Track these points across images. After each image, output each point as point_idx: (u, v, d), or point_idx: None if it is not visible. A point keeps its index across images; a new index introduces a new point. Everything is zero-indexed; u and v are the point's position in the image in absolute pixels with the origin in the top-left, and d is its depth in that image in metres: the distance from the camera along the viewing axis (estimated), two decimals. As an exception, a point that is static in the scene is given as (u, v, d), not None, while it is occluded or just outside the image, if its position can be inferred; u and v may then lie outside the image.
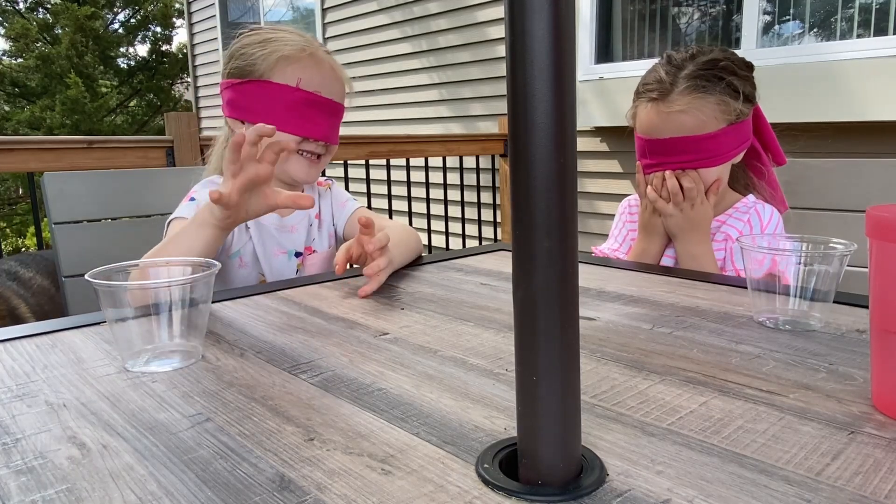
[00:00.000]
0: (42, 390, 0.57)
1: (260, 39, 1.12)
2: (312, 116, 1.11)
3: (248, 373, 0.61)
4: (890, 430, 0.47)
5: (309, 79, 1.10)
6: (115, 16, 12.90)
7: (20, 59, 12.03)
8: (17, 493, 0.41)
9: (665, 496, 0.39)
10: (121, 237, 1.38)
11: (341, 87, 1.16)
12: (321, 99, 1.11)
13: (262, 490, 0.40)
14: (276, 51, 1.10)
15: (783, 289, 0.72)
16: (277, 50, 1.10)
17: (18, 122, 11.15)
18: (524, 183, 0.37)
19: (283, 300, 0.88)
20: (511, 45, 0.37)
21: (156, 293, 0.61)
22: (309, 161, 1.15)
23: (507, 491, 0.40)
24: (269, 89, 1.09)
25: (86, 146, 1.88)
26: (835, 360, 0.61)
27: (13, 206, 11.22)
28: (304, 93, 1.09)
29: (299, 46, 1.11)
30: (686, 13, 3.22)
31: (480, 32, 3.86)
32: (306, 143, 1.12)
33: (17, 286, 1.83)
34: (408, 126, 4.41)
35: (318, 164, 1.17)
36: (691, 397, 0.53)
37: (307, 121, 1.10)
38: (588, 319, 0.76)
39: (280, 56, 1.09)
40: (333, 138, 1.16)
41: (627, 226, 1.34)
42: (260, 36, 1.13)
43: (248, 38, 1.13)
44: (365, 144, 2.66)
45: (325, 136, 1.14)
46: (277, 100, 1.09)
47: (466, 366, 0.62)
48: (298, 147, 1.12)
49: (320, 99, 1.11)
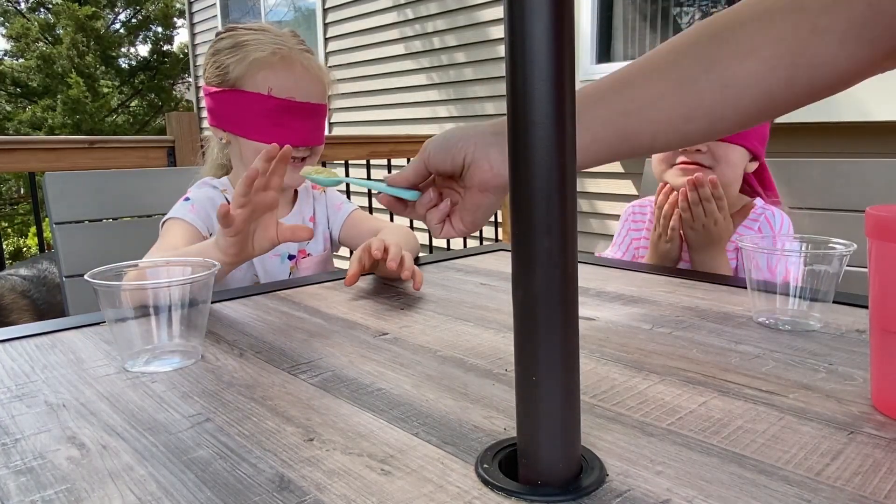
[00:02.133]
0: (42, 390, 0.57)
1: (232, 44, 1.11)
2: (288, 122, 1.09)
3: (247, 373, 0.61)
4: (889, 430, 0.47)
5: (280, 84, 1.08)
6: (117, 16, 12.92)
7: (21, 58, 12.05)
8: (16, 493, 0.41)
9: (665, 496, 0.39)
10: (122, 237, 1.38)
11: (318, 85, 1.14)
12: (295, 104, 1.09)
13: (261, 490, 0.40)
14: (245, 57, 1.08)
15: (783, 289, 0.72)
16: (247, 56, 1.08)
17: (20, 122, 11.17)
18: (524, 183, 0.37)
19: (282, 300, 0.88)
20: (511, 46, 0.37)
21: (155, 293, 0.61)
22: (292, 166, 1.14)
23: (506, 491, 0.40)
24: (242, 98, 1.08)
25: (87, 146, 1.88)
26: (834, 360, 0.61)
27: (14, 206, 11.23)
28: (277, 100, 1.07)
29: (269, 50, 1.08)
30: (687, 13, 3.22)
31: (481, 32, 3.86)
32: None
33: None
34: (409, 126, 4.41)
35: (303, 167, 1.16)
36: (691, 397, 0.53)
37: (283, 128, 1.09)
38: (588, 319, 0.76)
39: (250, 62, 1.08)
40: (314, 140, 1.14)
41: (631, 234, 1.34)
42: (232, 40, 1.11)
43: (221, 43, 1.12)
44: (366, 144, 2.67)
45: (304, 141, 1.12)
46: (251, 109, 1.08)
47: (466, 366, 0.62)
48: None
49: (294, 104, 1.09)
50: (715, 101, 0.61)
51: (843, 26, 0.57)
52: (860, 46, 0.57)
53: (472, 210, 0.67)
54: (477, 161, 0.63)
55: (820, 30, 0.57)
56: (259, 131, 1.08)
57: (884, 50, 0.57)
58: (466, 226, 0.68)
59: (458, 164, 0.64)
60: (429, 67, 4.24)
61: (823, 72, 0.59)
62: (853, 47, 0.57)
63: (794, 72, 0.59)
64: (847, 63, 0.58)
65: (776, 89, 0.60)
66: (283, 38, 1.13)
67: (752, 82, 0.60)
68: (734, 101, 0.61)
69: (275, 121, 1.08)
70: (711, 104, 0.61)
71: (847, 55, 0.58)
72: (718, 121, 0.62)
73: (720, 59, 0.60)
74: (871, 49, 0.57)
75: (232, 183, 1.19)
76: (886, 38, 0.56)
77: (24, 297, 1.88)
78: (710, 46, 0.61)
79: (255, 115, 1.08)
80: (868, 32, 0.56)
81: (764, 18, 0.59)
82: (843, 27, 0.57)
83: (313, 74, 1.13)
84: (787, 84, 0.59)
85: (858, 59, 0.58)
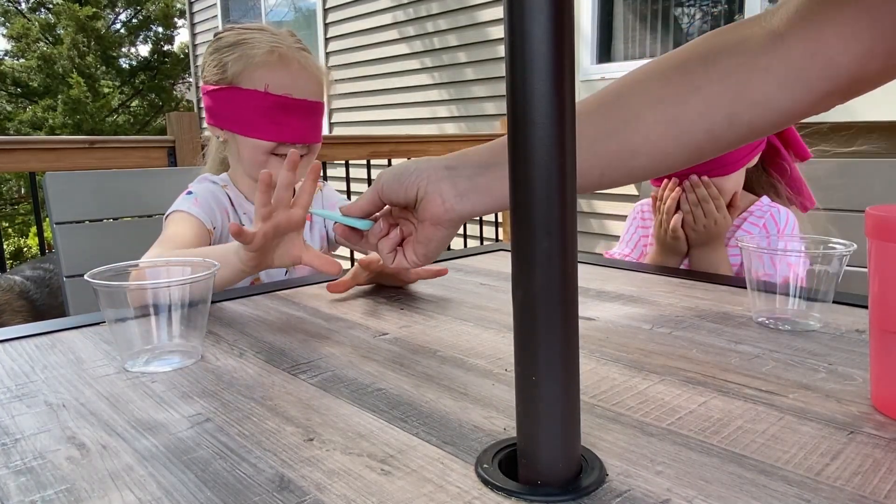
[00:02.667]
0: (41, 390, 0.57)
1: (229, 43, 1.11)
2: (285, 120, 1.09)
3: (247, 373, 0.61)
4: (889, 430, 0.47)
5: (278, 82, 1.08)
6: (117, 16, 12.92)
7: (22, 59, 12.05)
8: (16, 493, 0.41)
9: (665, 496, 0.39)
10: (122, 237, 1.38)
11: (315, 83, 1.14)
12: (292, 101, 1.09)
13: (261, 490, 0.40)
14: (243, 55, 1.08)
15: (783, 289, 0.72)
16: (245, 54, 1.08)
17: (21, 122, 11.17)
18: (524, 183, 0.37)
19: (282, 300, 0.88)
20: (511, 45, 0.37)
21: (155, 293, 0.61)
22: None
23: (506, 491, 0.40)
24: (239, 95, 1.08)
25: (87, 146, 1.88)
26: (834, 360, 0.61)
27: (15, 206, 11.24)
28: (274, 97, 1.08)
29: (267, 48, 1.09)
30: (687, 13, 3.22)
31: (481, 33, 3.86)
32: (283, 146, 1.11)
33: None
34: (409, 126, 4.42)
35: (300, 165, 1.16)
36: (691, 397, 0.53)
37: (280, 125, 1.09)
38: (588, 319, 0.76)
39: (247, 60, 1.08)
40: (312, 137, 1.14)
41: (640, 231, 1.34)
42: (230, 39, 1.12)
43: (219, 43, 1.12)
44: (367, 144, 2.66)
45: (302, 138, 1.12)
46: (248, 106, 1.08)
47: (466, 366, 0.62)
48: (276, 151, 1.11)
49: (291, 101, 1.09)
50: (660, 137, 0.62)
51: (782, 69, 0.58)
52: (799, 88, 0.59)
53: (425, 243, 0.68)
54: (429, 195, 0.64)
55: (760, 70, 0.59)
56: (256, 128, 1.09)
57: (822, 92, 0.59)
58: (419, 258, 0.69)
59: (412, 198, 0.65)
60: (430, 67, 4.24)
61: (764, 110, 0.60)
62: (792, 88, 0.59)
63: (736, 109, 0.60)
64: (786, 103, 0.60)
65: (718, 127, 0.61)
66: (281, 37, 1.13)
67: (696, 119, 0.61)
68: (678, 138, 0.62)
69: (272, 118, 1.08)
70: (657, 140, 0.62)
71: (785, 96, 0.59)
72: (663, 157, 0.63)
73: (665, 97, 0.62)
74: (809, 91, 0.59)
75: (231, 179, 1.19)
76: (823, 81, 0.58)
77: (22, 298, 1.88)
78: (656, 85, 0.62)
79: (251, 113, 1.08)
80: (806, 74, 0.58)
81: (708, 59, 0.61)
82: (782, 69, 0.58)
83: (310, 72, 1.13)
84: (728, 122, 0.61)
85: (797, 99, 0.59)
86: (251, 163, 1.13)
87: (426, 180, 0.64)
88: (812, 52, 0.57)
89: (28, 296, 1.90)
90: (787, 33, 0.58)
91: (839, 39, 0.56)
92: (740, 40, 0.61)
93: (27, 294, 1.91)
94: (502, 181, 0.64)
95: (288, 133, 1.10)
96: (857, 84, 0.59)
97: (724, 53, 0.60)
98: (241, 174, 1.18)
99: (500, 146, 0.66)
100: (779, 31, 0.59)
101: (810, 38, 0.57)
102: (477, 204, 0.65)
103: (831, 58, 0.57)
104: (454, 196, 0.64)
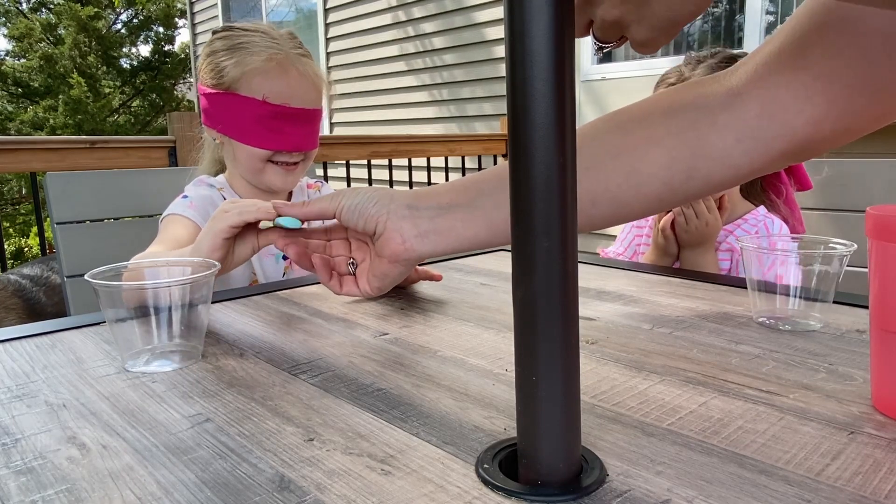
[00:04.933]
0: (42, 390, 0.57)
1: (228, 46, 1.11)
2: (282, 128, 1.09)
3: (247, 373, 0.61)
4: (890, 431, 0.47)
5: (276, 90, 1.08)
6: (118, 16, 12.93)
7: (23, 59, 12.06)
8: (16, 493, 0.41)
9: (665, 496, 0.39)
10: (123, 237, 1.38)
11: (314, 90, 1.14)
12: (289, 110, 1.09)
13: (261, 490, 0.40)
14: (241, 61, 1.08)
15: (783, 289, 0.71)
16: (243, 60, 1.08)
17: (22, 122, 11.18)
18: (524, 183, 0.37)
19: (283, 300, 0.88)
20: (511, 46, 0.37)
21: (155, 293, 0.61)
22: (285, 170, 1.14)
23: (506, 491, 0.40)
24: (236, 102, 1.08)
25: (88, 146, 1.88)
26: (835, 360, 0.61)
27: (16, 206, 11.24)
28: (271, 106, 1.08)
29: (265, 55, 1.08)
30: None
31: (481, 33, 3.86)
32: (279, 154, 1.11)
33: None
34: (410, 126, 4.42)
35: (296, 171, 1.16)
36: (691, 397, 0.53)
37: (277, 133, 1.09)
38: (588, 319, 0.76)
39: (245, 67, 1.08)
40: (309, 145, 1.15)
41: (634, 230, 1.35)
42: (229, 41, 1.11)
43: (217, 44, 1.12)
44: (367, 144, 2.67)
45: (298, 147, 1.12)
46: (245, 114, 1.08)
47: (466, 366, 0.62)
48: (272, 158, 1.12)
49: (288, 110, 1.09)
50: (619, 186, 0.63)
51: (739, 126, 0.59)
52: (754, 146, 0.60)
53: (381, 277, 0.68)
54: (389, 231, 0.64)
55: (719, 126, 0.60)
56: (253, 136, 1.09)
57: (777, 151, 0.60)
58: (373, 290, 0.70)
59: (370, 230, 0.65)
60: (430, 67, 4.24)
61: (721, 167, 0.61)
62: (748, 146, 0.60)
63: (694, 163, 0.61)
64: (743, 159, 0.61)
65: (676, 180, 0.62)
66: (280, 41, 1.12)
67: (655, 170, 0.62)
68: (637, 189, 0.63)
69: (269, 126, 1.09)
70: (616, 190, 0.63)
71: (742, 153, 0.60)
72: (622, 206, 0.64)
73: (626, 147, 0.62)
74: (764, 149, 0.60)
75: (228, 182, 1.20)
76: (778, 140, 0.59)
77: (16, 296, 1.87)
78: (617, 135, 0.63)
79: (248, 120, 1.08)
80: (762, 133, 0.59)
81: (668, 112, 0.62)
82: (739, 127, 0.59)
83: (309, 80, 1.13)
84: (686, 175, 0.62)
85: (753, 157, 0.60)
86: (248, 168, 1.13)
87: (386, 216, 0.64)
88: (769, 112, 0.58)
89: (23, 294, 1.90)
90: (745, 93, 0.59)
91: (794, 101, 0.57)
92: (700, 96, 0.62)
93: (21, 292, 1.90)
94: (464, 223, 0.65)
95: (285, 142, 1.10)
96: (812, 144, 0.60)
97: (684, 108, 0.61)
98: (237, 176, 1.18)
99: (463, 187, 0.66)
100: (738, 89, 0.60)
101: (767, 98, 0.59)
102: (437, 245, 0.65)
103: (786, 119, 0.58)
104: (414, 236, 0.64)
